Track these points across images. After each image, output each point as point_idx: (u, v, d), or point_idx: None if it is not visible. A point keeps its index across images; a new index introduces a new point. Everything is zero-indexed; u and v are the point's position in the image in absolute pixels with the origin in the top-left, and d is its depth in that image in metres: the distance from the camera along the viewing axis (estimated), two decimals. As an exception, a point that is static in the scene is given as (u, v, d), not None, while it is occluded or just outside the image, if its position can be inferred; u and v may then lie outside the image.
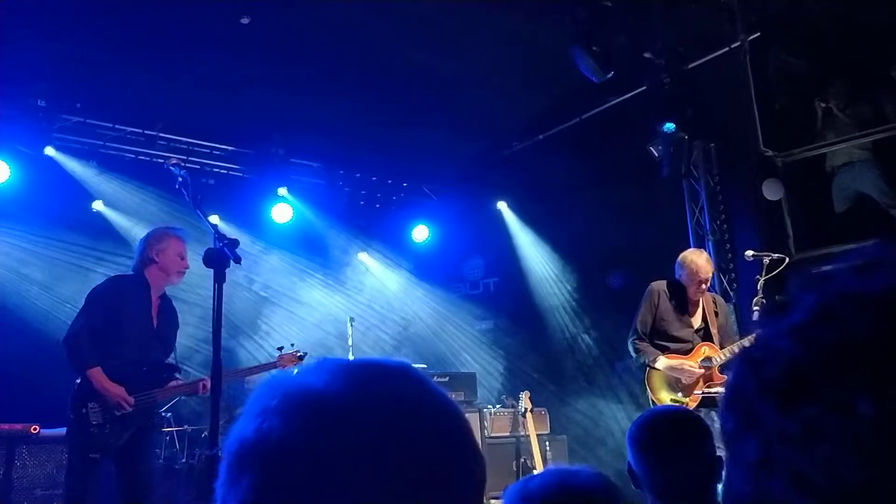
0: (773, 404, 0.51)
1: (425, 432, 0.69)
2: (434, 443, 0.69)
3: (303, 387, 0.69)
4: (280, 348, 4.77)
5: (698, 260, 5.10)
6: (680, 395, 4.93)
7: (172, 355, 4.38)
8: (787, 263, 5.10)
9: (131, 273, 4.39)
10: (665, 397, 4.97)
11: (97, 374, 3.97)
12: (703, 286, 5.07)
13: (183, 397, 5.40)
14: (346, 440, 0.65)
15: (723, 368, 4.98)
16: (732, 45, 6.44)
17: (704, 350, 5.00)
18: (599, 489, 1.44)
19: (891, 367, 0.46)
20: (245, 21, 5.80)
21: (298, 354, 4.65)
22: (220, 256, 3.02)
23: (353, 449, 0.65)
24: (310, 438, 0.65)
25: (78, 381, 4.05)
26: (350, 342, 6.51)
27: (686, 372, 4.91)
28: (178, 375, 4.34)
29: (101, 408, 3.97)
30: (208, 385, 4.07)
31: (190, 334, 6.48)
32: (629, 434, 2.05)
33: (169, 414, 6.43)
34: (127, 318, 4.16)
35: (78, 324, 4.11)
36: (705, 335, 5.08)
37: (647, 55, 6.41)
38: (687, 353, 5.01)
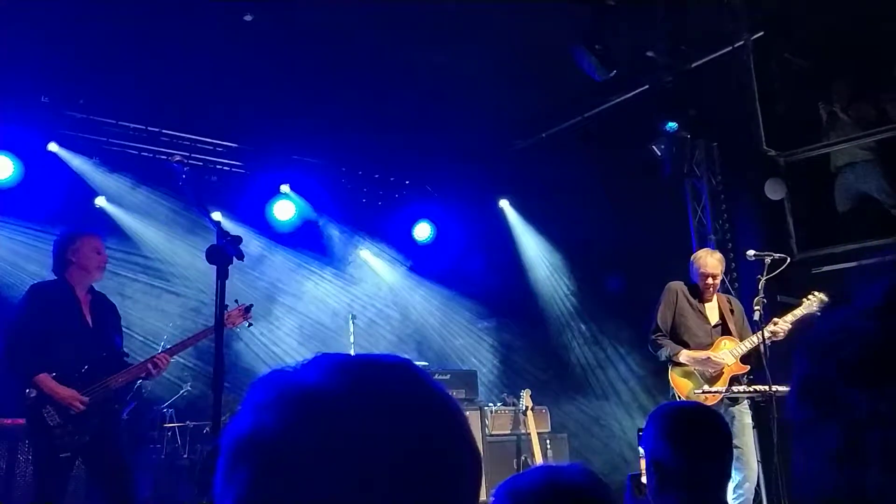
0: (862, 386, 0.50)
1: (419, 429, 0.69)
2: (428, 439, 0.69)
3: (298, 383, 0.69)
4: (225, 306, 4.62)
5: (707, 257, 5.25)
6: (706, 387, 4.95)
7: (118, 345, 4.41)
8: (789, 263, 5.11)
9: (52, 279, 4.42)
10: (690, 391, 5.00)
11: (44, 381, 4.03)
12: (710, 282, 5.16)
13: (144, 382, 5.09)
14: (340, 436, 0.65)
15: (745, 359, 5.04)
16: (735, 45, 6.43)
17: (725, 343, 5.07)
18: (588, 485, 1.45)
19: None
20: (248, 18, 5.80)
21: (244, 307, 4.56)
22: (223, 253, 3.03)
23: (346, 445, 0.65)
24: (304, 434, 0.65)
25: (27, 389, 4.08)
26: (352, 339, 6.52)
27: (711, 362, 4.97)
28: (128, 362, 4.37)
29: (56, 410, 4.02)
30: (161, 363, 4.26)
31: (178, 325, 6.52)
32: (660, 425, 2.02)
33: (171, 410, 6.45)
34: (57, 323, 4.21)
35: (10, 338, 4.12)
36: (723, 331, 5.14)
37: (649, 54, 6.40)
38: (707, 347, 5.06)
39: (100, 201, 7.24)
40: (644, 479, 2.27)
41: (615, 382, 7.69)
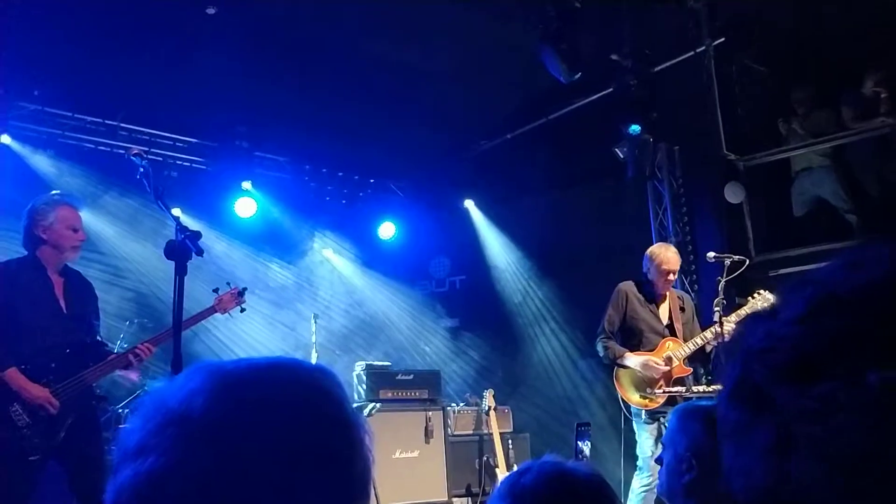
0: (788, 386, 0.56)
1: (300, 444, 0.70)
2: (310, 454, 0.70)
3: (175, 410, 0.70)
4: (216, 290, 4.23)
5: (666, 252, 5.21)
6: (648, 391, 4.99)
7: (96, 332, 4.02)
8: (748, 265, 5.20)
9: (21, 256, 3.94)
10: (634, 395, 5.03)
11: (13, 376, 3.60)
12: (672, 277, 5.17)
13: (119, 375, 4.53)
14: (219, 463, 0.66)
15: (688, 361, 5.07)
16: (697, 50, 6.55)
17: (668, 345, 5.08)
18: (596, 489, 1.43)
19: (892, 344, 0.53)
20: (211, 11, 5.71)
21: (237, 290, 4.22)
22: (182, 249, 2.96)
23: (220, 470, 0.66)
24: (186, 465, 0.66)
25: None
26: (314, 338, 6.45)
27: (651, 367, 4.98)
28: (108, 351, 3.99)
29: (24, 408, 3.61)
30: (143, 354, 3.81)
31: (136, 323, 6.36)
32: (705, 423, 2.07)
33: (126, 410, 6.29)
34: (26, 307, 3.74)
35: None
36: (672, 331, 5.16)
37: (614, 57, 6.48)
38: (653, 349, 5.09)
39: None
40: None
41: (577, 382, 7.75)
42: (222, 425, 0.68)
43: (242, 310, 4.32)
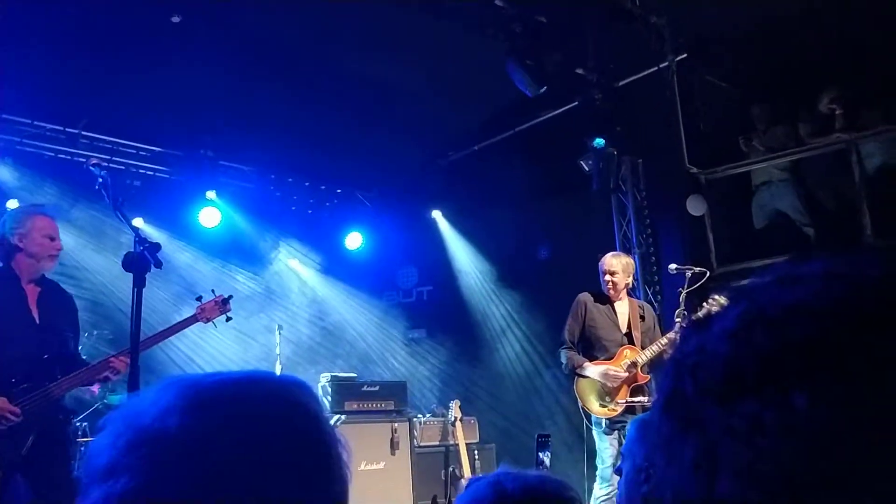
0: (715, 403, 0.55)
1: (276, 460, 0.68)
2: (285, 468, 0.69)
3: (148, 431, 0.68)
4: (199, 298, 4.10)
5: (607, 256, 5.32)
6: (608, 399, 5.03)
7: (71, 344, 3.90)
8: (709, 277, 5.29)
9: None
10: (594, 404, 5.06)
11: None
12: (608, 278, 5.20)
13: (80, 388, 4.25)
14: (188, 482, 0.65)
15: (647, 369, 5.13)
16: (660, 65, 6.67)
17: (626, 353, 5.13)
18: (557, 492, 1.43)
19: (821, 366, 0.52)
20: (176, 20, 5.65)
21: (221, 298, 4.08)
22: (141, 261, 2.92)
23: (196, 490, 0.65)
24: (160, 483, 0.65)
25: None
26: (278, 350, 6.39)
27: (610, 376, 5.02)
28: (82, 364, 3.86)
29: None
30: (119, 366, 3.64)
31: (94, 335, 6.23)
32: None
33: (85, 424, 6.15)
34: None
35: None
36: (631, 339, 5.22)
37: (579, 71, 6.57)
38: (612, 357, 5.14)
39: (12, 204, 6.88)
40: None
41: (543, 393, 7.79)
42: (198, 444, 0.66)
43: (228, 318, 4.18)
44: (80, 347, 5.81)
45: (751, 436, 0.53)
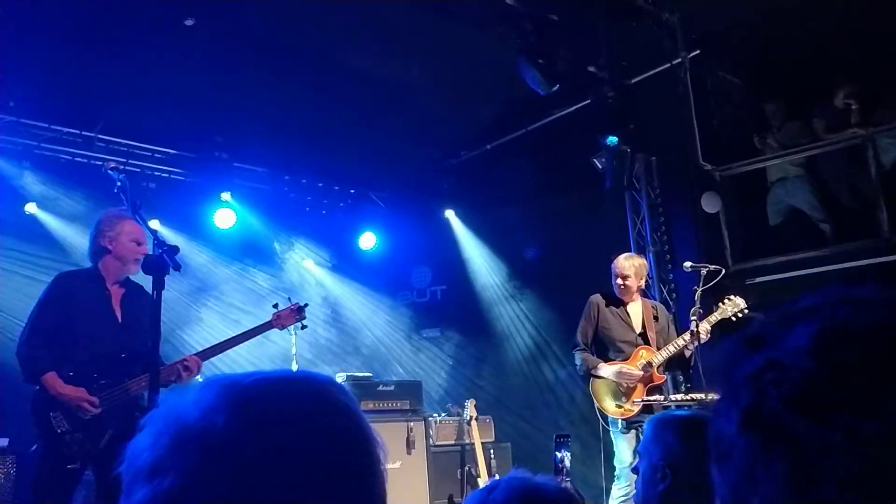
0: (805, 416, 0.58)
1: (321, 459, 0.69)
2: (331, 466, 0.69)
3: (193, 430, 0.68)
4: (275, 305, 4.28)
5: (619, 259, 5.30)
6: (623, 400, 5.02)
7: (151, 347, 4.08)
8: (724, 274, 5.26)
9: (85, 267, 4.07)
10: (609, 405, 5.06)
11: (51, 380, 3.64)
12: (619, 282, 5.19)
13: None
14: (235, 481, 0.65)
15: (662, 369, 5.12)
16: (673, 62, 6.65)
17: (642, 353, 5.12)
18: (562, 499, 1.44)
19: None
20: (189, 23, 5.69)
21: (297, 306, 4.23)
22: (160, 263, 2.95)
23: (242, 488, 0.65)
24: (205, 482, 0.65)
25: (37, 389, 3.71)
26: (294, 350, 6.42)
27: (625, 375, 5.02)
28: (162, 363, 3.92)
29: (64, 414, 3.64)
30: (192, 366, 3.83)
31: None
32: (679, 431, 2.10)
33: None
34: (81, 317, 3.82)
35: (26, 332, 3.80)
36: (645, 340, 5.21)
37: (591, 69, 6.55)
38: (627, 358, 5.13)
39: (30, 207, 6.96)
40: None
41: (558, 391, 7.78)
42: (244, 443, 0.66)
43: (303, 326, 4.37)
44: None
45: (850, 446, 0.56)
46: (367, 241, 8.96)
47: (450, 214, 8.91)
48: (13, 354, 3.86)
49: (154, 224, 6.09)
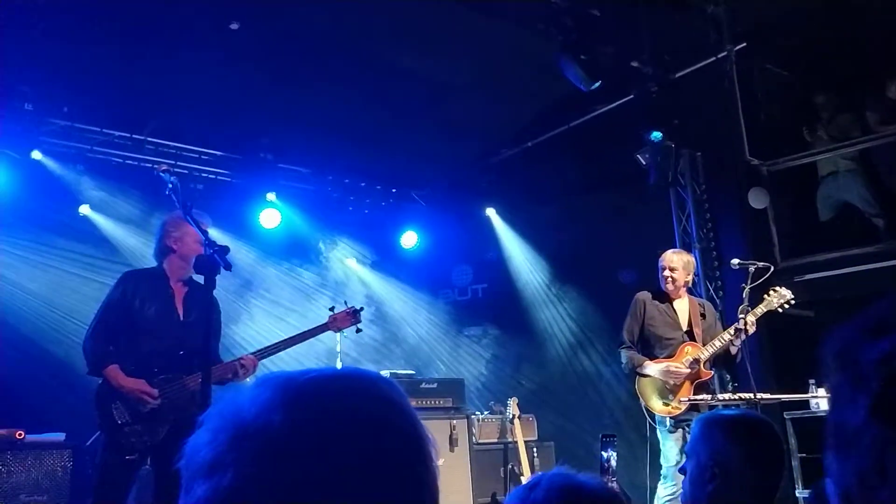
0: None
1: (378, 456, 0.69)
2: (387, 465, 0.69)
3: (251, 426, 0.69)
4: (332, 308, 4.41)
5: (667, 252, 5.29)
6: (670, 398, 4.97)
7: (212, 341, 4.06)
8: (773, 272, 5.15)
9: (149, 267, 4.23)
10: (656, 403, 5.01)
11: (112, 373, 3.79)
12: (666, 274, 5.15)
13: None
14: (293, 476, 0.66)
15: (709, 365, 5.05)
16: (718, 55, 6.51)
17: (688, 350, 5.05)
18: (607, 502, 1.44)
19: None
20: (234, 27, 5.80)
21: (352, 310, 4.34)
22: (211, 263, 3.02)
23: (300, 484, 0.65)
24: (262, 481, 0.66)
25: (100, 381, 3.87)
26: (338, 348, 6.50)
27: (672, 373, 4.96)
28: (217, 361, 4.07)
29: (125, 406, 3.77)
30: (249, 364, 3.94)
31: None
32: (729, 431, 2.09)
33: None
34: (144, 314, 3.95)
35: (91, 327, 3.97)
36: (692, 336, 5.14)
37: (634, 64, 6.47)
38: (672, 355, 5.07)
39: (84, 210, 7.18)
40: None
41: (602, 390, 7.71)
42: (300, 440, 0.67)
43: (358, 330, 4.46)
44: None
45: None
46: (409, 239, 9.01)
47: (491, 212, 8.90)
48: (70, 352, 4.02)
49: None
